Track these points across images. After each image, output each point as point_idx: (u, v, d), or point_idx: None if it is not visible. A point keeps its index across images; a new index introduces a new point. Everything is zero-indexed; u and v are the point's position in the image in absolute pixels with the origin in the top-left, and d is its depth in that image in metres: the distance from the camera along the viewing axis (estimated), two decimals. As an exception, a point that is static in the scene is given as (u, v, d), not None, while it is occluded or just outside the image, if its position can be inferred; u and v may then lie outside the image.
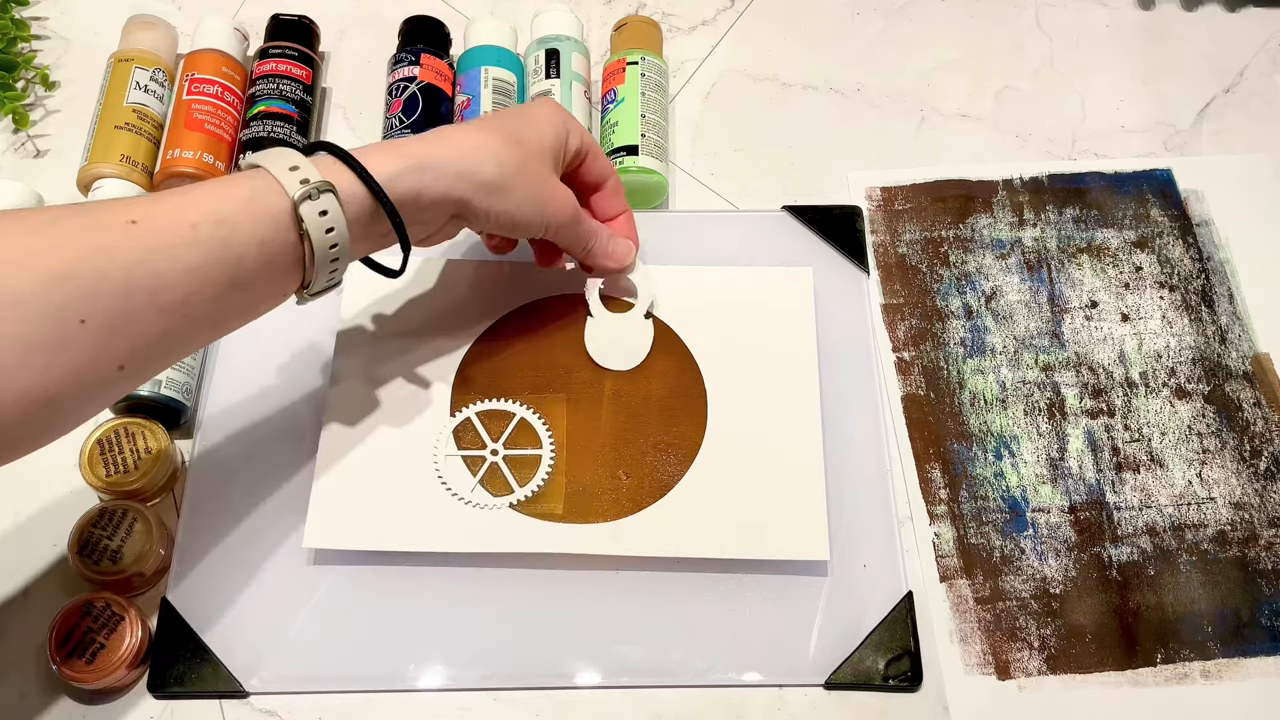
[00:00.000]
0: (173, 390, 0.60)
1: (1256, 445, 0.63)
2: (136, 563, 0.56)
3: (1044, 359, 0.66)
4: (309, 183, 0.47)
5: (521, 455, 0.60)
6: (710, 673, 0.56)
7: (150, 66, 0.71)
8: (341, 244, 0.49)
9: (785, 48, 0.77)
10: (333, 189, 0.48)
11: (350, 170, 0.49)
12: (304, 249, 0.48)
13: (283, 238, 0.47)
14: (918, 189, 0.71)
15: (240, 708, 0.56)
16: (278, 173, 0.47)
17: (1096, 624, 0.58)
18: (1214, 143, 0.74)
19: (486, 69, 0.70)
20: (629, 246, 0.62)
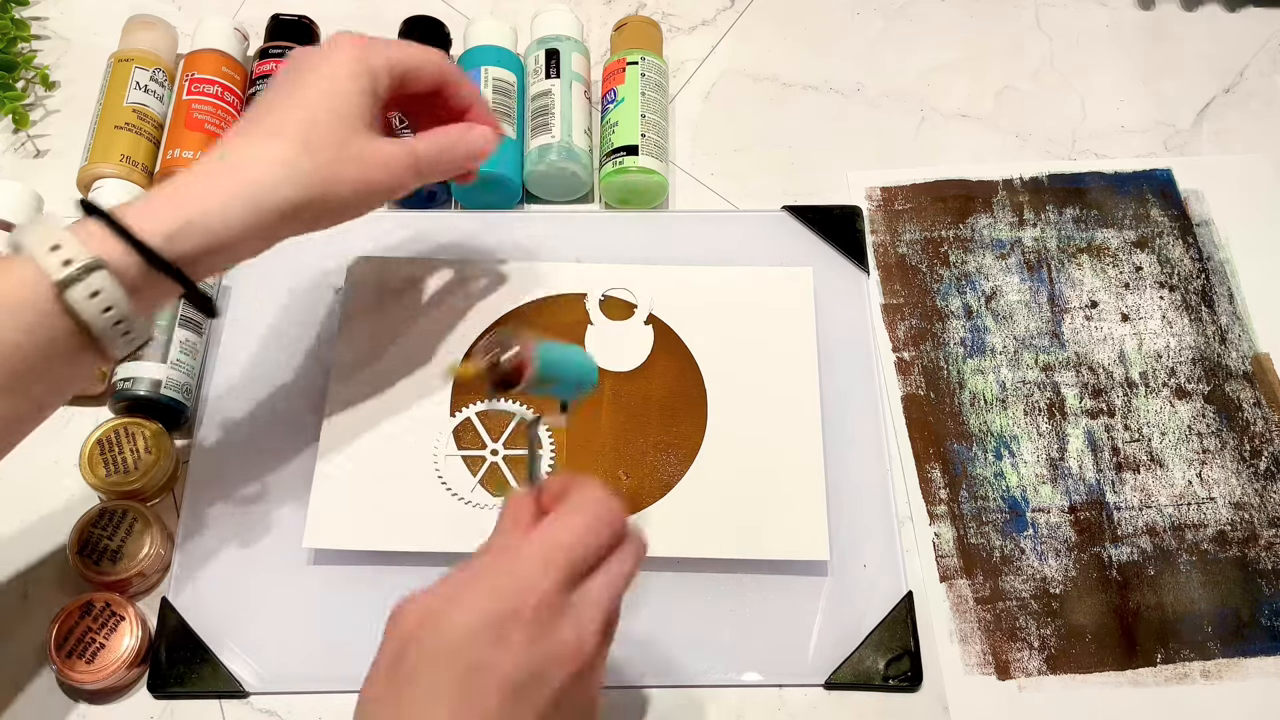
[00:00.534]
0: (173, 390, 0.60)
1: (1256, 445, 0.63)
2: (136, 563, 0.56)
3: (1044, 359, 0.66)
4: (72, 264, 0.43)
5: (522, 455, 0.60)
6: (710, 673, 0.56)
7: (150, 66, 0.71)
8: (125, 317, 0.45)
9: (785, 48, 0.77)
10: (103, 265, 0.43)
11: (121, 240, 0.44)
12: (84, 330, 0.44)
13: (54, 323, 0.43)
14: (918, 189, 0.71)
15: (240, 708, 0.56)
16: (38, 256, 0.43)
17: (1096, 624, 0.58)
18: (1214, 143, 0.74)
19: (486, 69, 0.70)
20: (484, 132, 0.56)
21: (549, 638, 0.42)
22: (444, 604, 0.42)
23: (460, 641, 0.41)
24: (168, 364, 0.60)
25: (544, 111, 0.68)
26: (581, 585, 0.43)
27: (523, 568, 0.42)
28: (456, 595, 0.42)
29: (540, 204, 0.70)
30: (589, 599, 0.43)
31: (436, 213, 0.70)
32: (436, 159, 0.54)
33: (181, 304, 0.62)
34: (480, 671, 0.41)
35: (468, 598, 0.42)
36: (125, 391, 0.60)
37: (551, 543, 0.43)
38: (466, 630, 0.41)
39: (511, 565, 0.43)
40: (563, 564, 0.43)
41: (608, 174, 0.68)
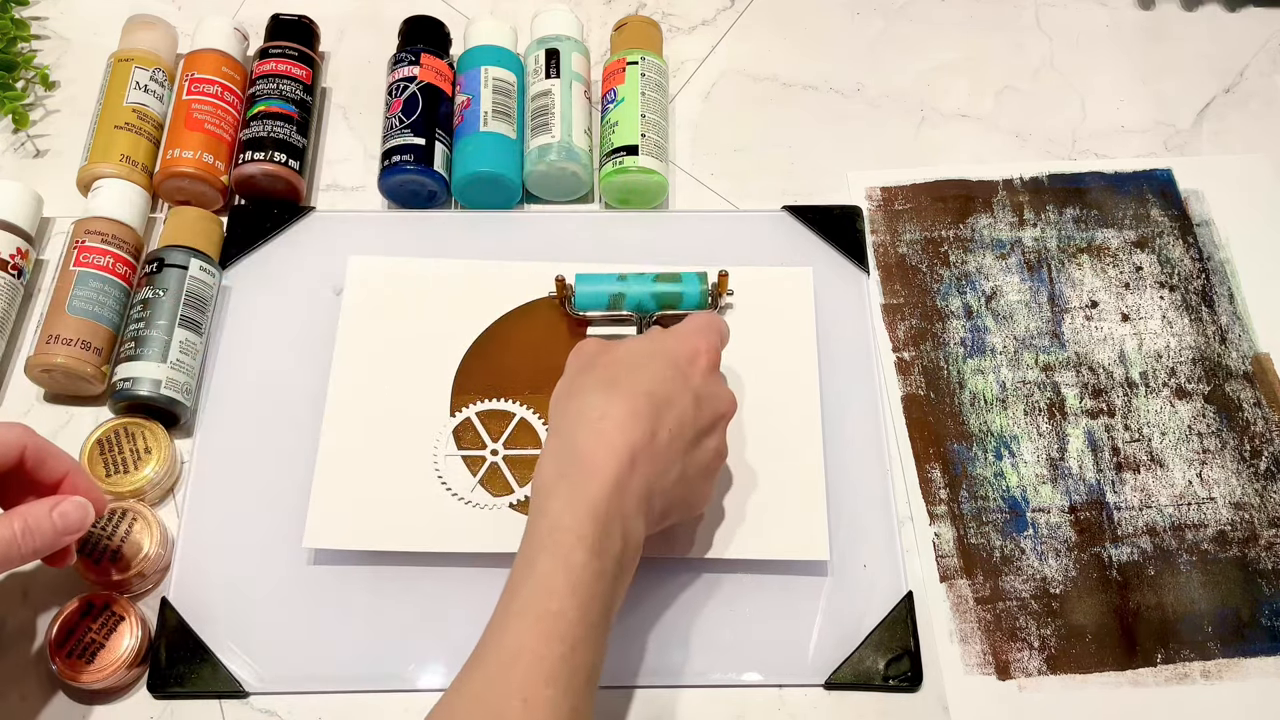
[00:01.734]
0: (173, 390, 0.60)
1: (1256, 445, 0.63)
2: (136, 563, 0.56)
3: (1044, 359, 0.66)
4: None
5: (521, 455, 0.60)
6: (710, 673, 0.56)
7: (150, 66, 0.71)
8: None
9: (785, 48, 0.77)
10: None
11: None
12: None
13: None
14: (918, 189, 0.71)
15: (240, 708, 0.56)
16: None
17: (1096, 624, 0.58)
18: (1214, 143, 0.74)
19: (486, 69, 0.70)
20: (78, 504, 0.51)
21: (717, 383, 0.54)
22: (627, 343, 0.54)
23: (648, 359, 0.52)
24: (168, 364, 0.60)
25: (544, 111, 0.68)
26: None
27: (689, 334, 0.54)
28: (636, 342, 0.54)
29: (540, 204, 0.70)
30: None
31: (436, 213, 0.70)
32: (27, 549, 0.49)
33: (182, 304, 0.62)
34: (666, 383, 0.51)
35: (647, 344, 0.53)
36: (125, 391, 0.60)
37: (705, 320, 0.55)
38: (653, 355, 0.52)
39: (680, 333, 0.54)
40: (722, 334, 0.56)
41: (608, 174, 0.68)
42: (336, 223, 0.69)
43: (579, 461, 0.48)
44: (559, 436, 0.50)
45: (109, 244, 0.64)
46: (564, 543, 0.46)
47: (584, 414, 0.49)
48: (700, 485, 0.54)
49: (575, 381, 0.52)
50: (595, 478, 0.47)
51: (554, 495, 0.47)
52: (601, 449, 0.48)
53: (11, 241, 0.64)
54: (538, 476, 0.49)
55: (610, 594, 0.47)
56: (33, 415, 0.63)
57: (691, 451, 0.51)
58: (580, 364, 0.53)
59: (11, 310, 0.64)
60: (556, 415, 0.51)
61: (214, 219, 0.67)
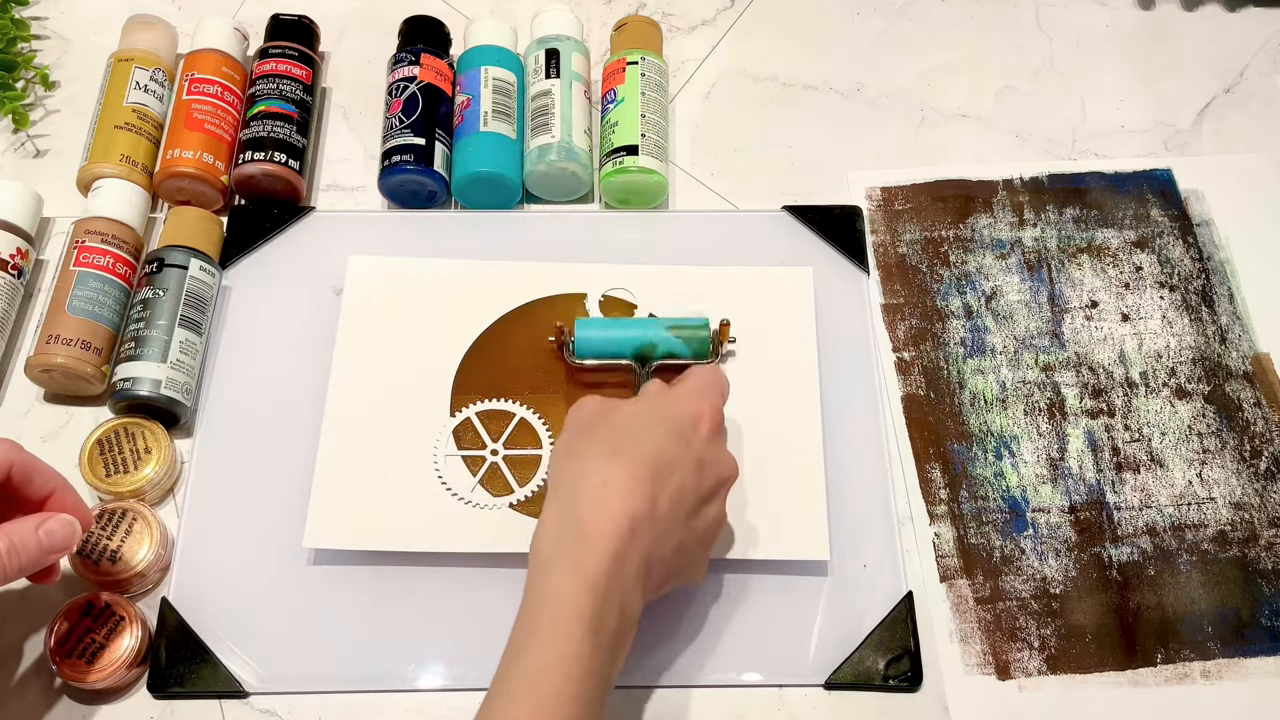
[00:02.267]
0: (173, 390, 0.60)
1: (1256, 445, 0.63)
2: (136, 563, 0.56)
3: (1044, 359, 0.66)
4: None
5: (521, 455, 0.60)
6: (710, 673, 0.56)
7: (150, 66, 0.71)
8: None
9: (785, 48, 0.77)
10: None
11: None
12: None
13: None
14: (918, 189, 0.71)
15: (240, 708, 0.56)
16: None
17: (1096, 624, 0.58)
18: (1214, 143, 0.74)
19: (486, 69, 0.70)
20: (65, 523, 0.51)
21: (720, 448, 0.53)
22: (629, 405, 0.53)
23: (651, 424, 0.51)
24: (168, 364, 0.60)
25: (544, 111, 0.68)
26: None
27: (691, 395, 0.53)
28: (638, 404, 0.53)
29: (540, 204, 0.70)
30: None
31: (436, 213, 0.70)
32: (14, 565, 0.49)
33: (182, 304, 0.62)
34: (669, 450, 0.50)
35: (649, 407, 0.53)
36: (125, 391, 0.60)
37: (708, 379, 0.55)
38: (656, 420, 0.51)
39: (681, 394, 0.54)
40: (724, 394, 0.56)
41: (608, 174, 0.68)
42: (336, 223, 0.69)
43: (579, 529, 0.47)
44: (559, 500, 0.49)
45: (109, 244, 0.64)
46: (561, 620, 0.45)
47: (586, 479, 0.48)
48: (698, 554, 0.53)
49: (577, 442, 0.51)
50: (595, 549, 0.46)
51: (553, 565, 0.47)
52: (603, 518, 0.47)
53: (11, 241, 0.64)
54: (537, 541, 0.48)
55: (606, 671, 0.46)
56: (33, 415, 0.63)
57: (692, 519, 0.51)
58: (580, 424, 0.52)
59: (11, 310, 0.64)
60: (556, 476, 0.50)
61: (214, 219, 0.67)
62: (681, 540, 0.50)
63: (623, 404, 0.53)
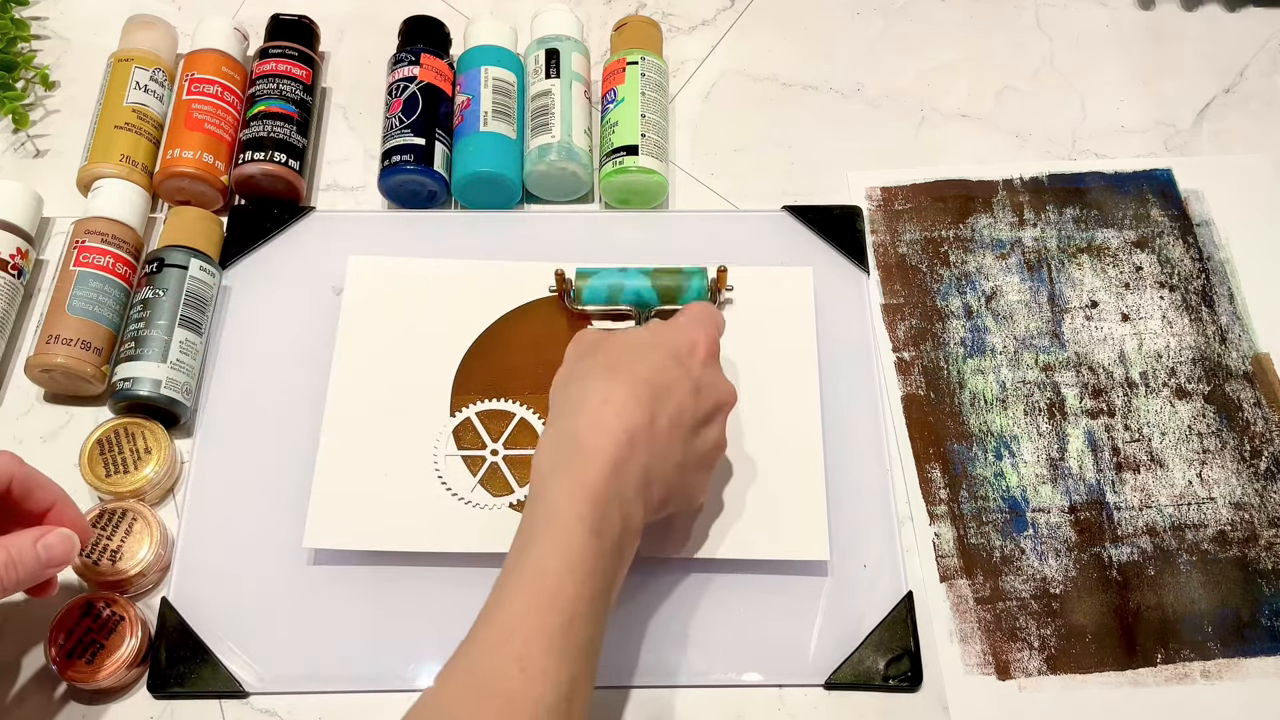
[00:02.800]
0: (173, 390, 0.60)
1: (1256, 445, 0.63)
2: (136, 563, 0.56)
3: (1044, 359, 0.66)
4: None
5: (521, 455, 0.60)
6: (710, 673, 0.56)
7: (150, 66, 0.71)
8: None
9: (785, 48, 0.77)
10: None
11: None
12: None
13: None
14: (918, 189, 0.71)
15: (240, 708, 0.56)
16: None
17: (1096, 624, 0.58)
18: (1214, 143, 0.74)
19: (486, 69, 0.70)
20: (64, 537, 0.50)
21: (716, 373, 0.54)
22: (625, 333, 0.53)
23: (647, 348, 0.52)
24: (168, 364, 0.60)
25: (544, 111, 0.68)
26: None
27: (687, 324, 0.54)
28: (635, 332, 0.53)
29: (540, 204, 0.70)
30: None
31: (436, 213, 0.70)
32: (12, 579, 0.49)
33: (182, 304, 0.62)
34: (666, 371, 0.51)
35: (647, 334, 0.53)
36: (125, 391, 0.60)
37: (702, 311, 0.55)
38: (652, 345, 0.52)
39: (678, 324, 0.54)
40: (719, 325, 0.55)
41: (608, 174, 0.68)
42: (336, 223, 0.69)
43: (577, 444, 0.48)
44: (557, 420, 0.50)
45: (109, 244, 0.64)
46: (562, 522, 0.46)
47: (584, 398, 0.49)
48: (699, 475, 0.54)
49: (575, 368, 0.53)
50: (594, 460, 0.47)
51: (552, 477, 0.48)
52: (600, 432, 0.48)
53: (11, 241, 0.64)
54: (536, 460, 0.49)
55: (609, 574, 0.47)
56: (33, 415, 0.63)
57: (691, 440, 0.51)
58: (580, 352, 0.54)
59: (11, 310, 0.64)
60: (555, 401, 0.52)
61: (214, 219, 0.67)
62: (682, 460, 0.51)
63: (619, 332, 0.54)
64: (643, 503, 0.49)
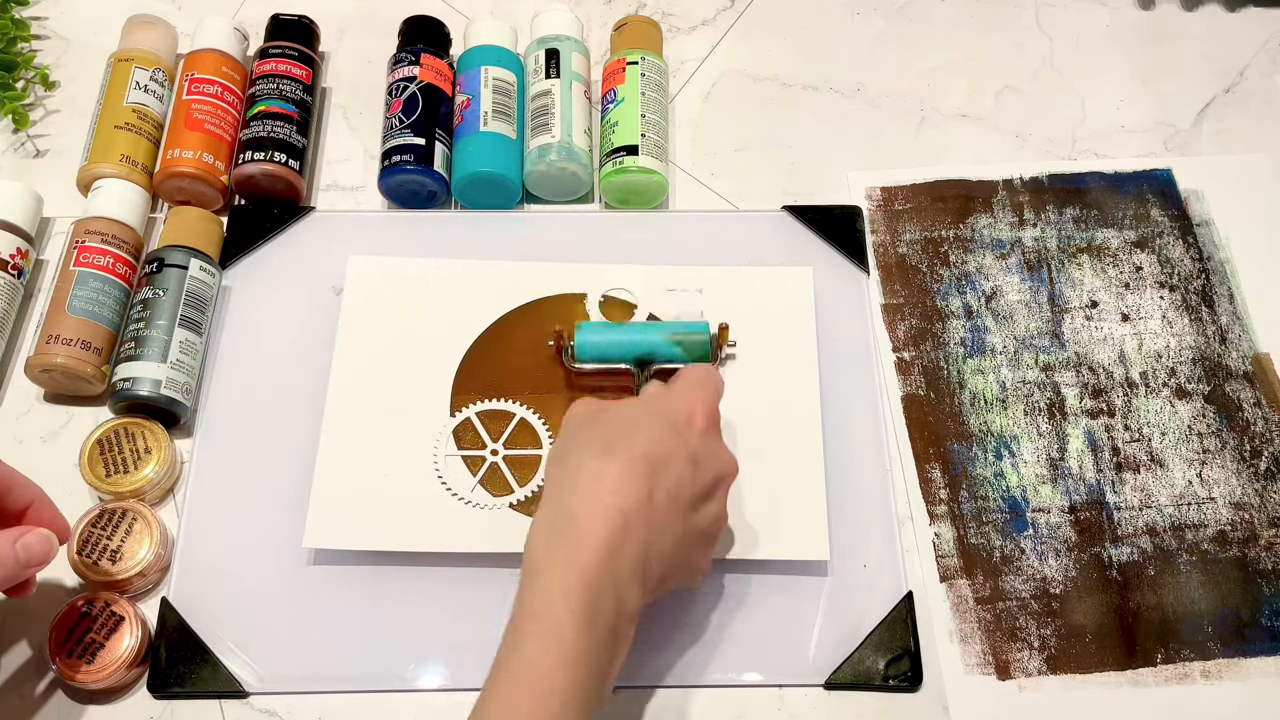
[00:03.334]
0: (173, 390, 0.60)
1: (1257, 445, 0.63)
2: (136, 563, 0.56)
3: (1044, 359, 0.66)
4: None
5: (521, 455, 0.60)
6: (710, 673, 0.56)
7: (150, 66, 0.71)
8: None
9: (785, 48, 0.77)
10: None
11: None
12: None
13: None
14: (918, 189, 0.71)
15: (240, 708, 0.56)
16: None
17: (1096, 624, 0.58)
18: (1214, 143, 0.74)
19: (486, 69, 0.70)
20: (43, 538, 0.50)
21: (716, 444, 0.53)
22: (621, 405, 0.52)
23: (643, 420, 0.50)
24: (168, 364, 0.60)
25: (544, 111, 0.68)
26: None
27: (684, 392, 0.53)
28: (631, 404, 0.53)
29: (540, 204, 0.70)
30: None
31: (436, 213, 0.70)
32: None
33: (182, 304, 0.62)
34: (663, 444, 0.49)
35: (643, 404, 0.52)
36: (125, 391, 0.60)
37: (700, 376, 0.54)
38: (649, 416, 0.51)
39: (675, 392, 0.53)
40: (718, 390, 0.54)
41: (608, 174, 0.68)
42: (336, 223, 0.69)
43: (571, 524, 0.46)
44: (551, 498, 0.49)
45: (109, 244, 0.64)
46: (552, 616, 0.44)
47: (577, 476, 0.48)
48: (700, 551, 0.52)
49: (570, 442, 0.51)
50: (587, 543, 0.46)
51: (545, 561, 0.46)
52: (595, 512, 0.46)
53: (11, 241, 0.64)
54: (530, 540, 0.48)
55: (603, 663, 0.46)
56: (33, 415, 0.63)
57: (690, 515, 0.50)
58: (576, 424, 0.52)
59: (11, 310, 0.64)
60: (550, 476, 0.50)
61: (214, 219, 0.67)
62: (681, 536, 0.49)
63: (615, 404, 0.52)
64: (640, 584, 0.47)
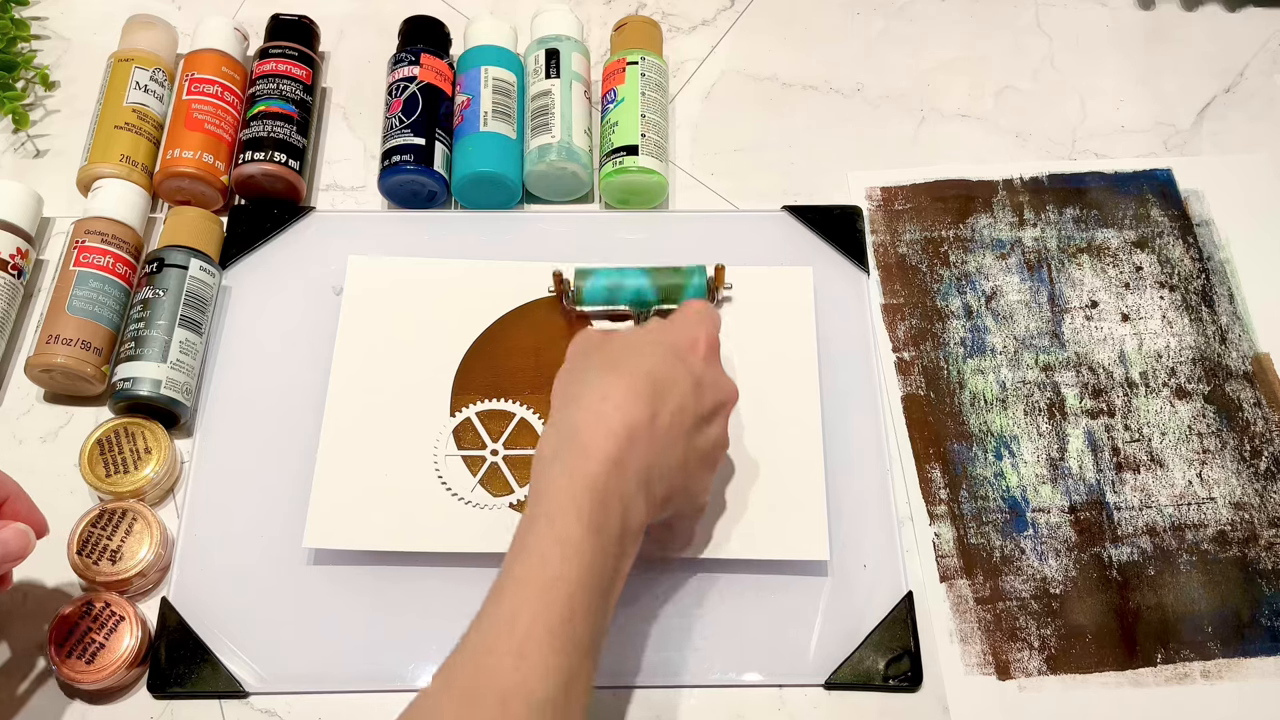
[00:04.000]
0: (173, 390, 0.60)
1: (1256, 445, 0.63)
2: (136, 563, 0.56)
3: (1044, 359, 0.66)
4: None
5: (521, 455, 0.60)
6: (710, 673, 0.56)
7: (150, 66, 0.71)
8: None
9: (785, 48, 0.77)
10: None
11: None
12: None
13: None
14: (918, 189, 0.71)
15: (240, 708, 0.56)
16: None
17: (1096, 624, 0.58)
18: (1214, 143, 0.74)
19: (486, 69, 0.70)
20: (19, 532, 0.50)
21: (717, 370, 0.54)
22: (626, 332, 0.54)
23: (647, 345, 0.51)
24: (168, 364, 0.60)
25: (544, 111, 0.68)
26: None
27: (686, 322, 0.54)
28: (635, 331, 0.54)
29: (540, 204, 0.70)
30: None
31: (436, 213, 0.70)
32: None
33: (182, 304, 0.62)
34: (666, 367, 0.50)
35: (647, 332, 0.53)
36: (125, 391, 0.60)
37: (700, 308, 0.55)
38: (652, 342, 0.52)
39: (676, 323, 0.54)
40: (717, 323, 0.55)
41: (608, 174, 0.68)
42: (336, 223, 0.69)
43: (577, 440, 0.47)
44: (558, 415, 0.50)
45: (109, 244, 0.64)
46: (561, 519, 0.45)
47: (583, 395, 0.49)
48: (701, 473, 0.53)
49: (576, 365, 0.52)
50: (593, 455, 0.47)
51: (551, 473, 0.47)
52: (600, 427, 0.47)
53: (11, 241, 0.64)
54: (538, 455, 0.49)
55: (609, 571, 0.46)
56: (33, 415, 0.63)
57: (693, 437, 0.51)
58: (581, 350, 0.53)
59: (11, 310, 0.64)
60: (557, 397, 0.51)
61: (214, 219, 0.67)
62: (684, 458, 0.50)
63: (619, 331, 0.54)
64: (644, 500, 0.48)
